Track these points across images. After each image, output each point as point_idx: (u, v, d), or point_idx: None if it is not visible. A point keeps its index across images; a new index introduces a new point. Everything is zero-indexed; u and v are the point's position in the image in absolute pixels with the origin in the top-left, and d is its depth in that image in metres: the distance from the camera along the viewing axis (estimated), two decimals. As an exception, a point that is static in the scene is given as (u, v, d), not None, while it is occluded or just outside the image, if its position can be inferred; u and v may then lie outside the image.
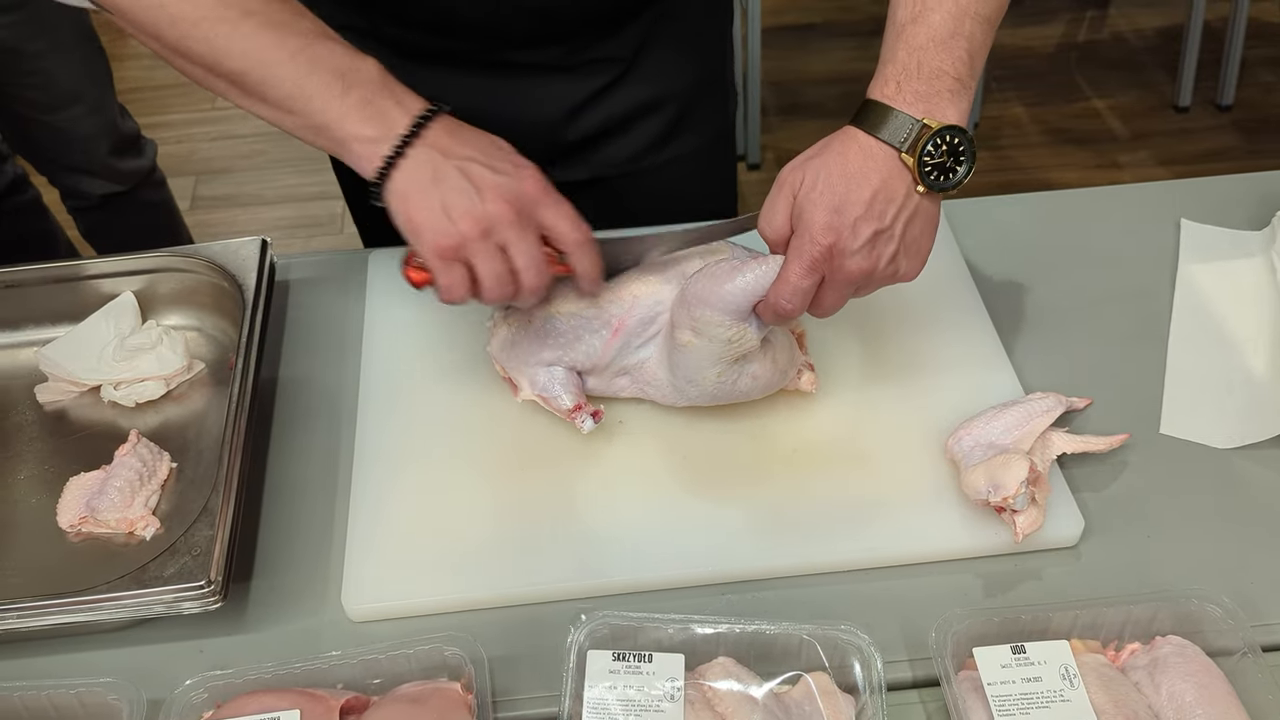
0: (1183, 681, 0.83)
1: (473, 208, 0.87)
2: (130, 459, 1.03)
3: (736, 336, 0.93)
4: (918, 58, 0.87)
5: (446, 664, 0.86)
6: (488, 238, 0.88)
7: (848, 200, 0.86)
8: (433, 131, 0.88)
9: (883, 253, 0.88)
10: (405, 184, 0.88)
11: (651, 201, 1.24)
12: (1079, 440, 1.00)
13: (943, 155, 0.87)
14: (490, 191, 0.87)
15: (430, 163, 0.88)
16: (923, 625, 0.88)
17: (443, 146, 0.88)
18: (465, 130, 0.91)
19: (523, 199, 0.88)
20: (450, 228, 0.87)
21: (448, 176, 0.87)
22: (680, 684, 0.83)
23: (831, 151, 0.88)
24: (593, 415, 1.01)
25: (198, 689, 0.84)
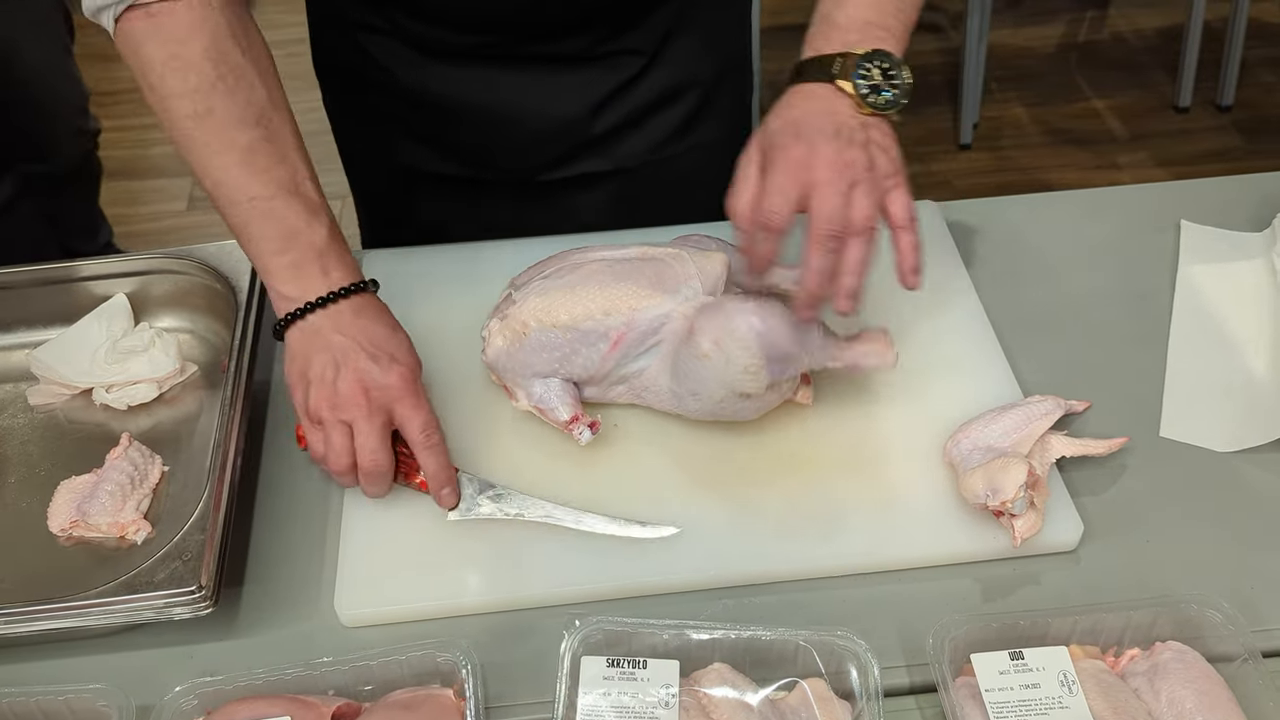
0: (1183, 688, 0.82)
1: (327, 385, 0.93)
2: (122, 462, 1.03)
3: (753, 367, 0.93)
4: (847, 13, 0.93)
5: (439, 670, 0.86)
6: (334, 413, 0.93)
7: (805, 122, 0.90)
8: (339, 308, 0.95)
9: (855, 139, 0.89)
10: (293, 344, 0.96)
11: (671, 190, 1.24)
12: (1078, 443, 0.99)
13: (876, 77, 0.91)
14: (350, 374, 0.93)
15: (317, 335, 0.95)
16: (920, 631, 0.87)
17: (337, 325, 0.95)
18: (372, 314, 0.97)
19: (381, 390, 0.93)
20: (308, 395, 0.94)
21: (322, 352, 0.94)
22: (675, 691, 0.82)
23: (780, 105, 0.94)
24: (590, 426, 1.00)
25: (188, 695, 0.83)
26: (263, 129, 0.94)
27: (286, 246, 0.95)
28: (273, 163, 0.95)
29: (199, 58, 0.93)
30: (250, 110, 0.94)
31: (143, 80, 0.96)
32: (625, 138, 1.24)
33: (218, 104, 0.93)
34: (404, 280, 1.17)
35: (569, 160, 0.94)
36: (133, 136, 3.13)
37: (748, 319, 0.93)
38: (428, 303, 1.15)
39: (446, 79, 1.16)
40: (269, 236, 0.95)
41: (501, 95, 1.18)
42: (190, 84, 0.93)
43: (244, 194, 0.94)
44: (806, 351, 0.95)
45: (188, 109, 0.94)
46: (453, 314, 1.14)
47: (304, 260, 0.95)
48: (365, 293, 0.97)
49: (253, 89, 0.95)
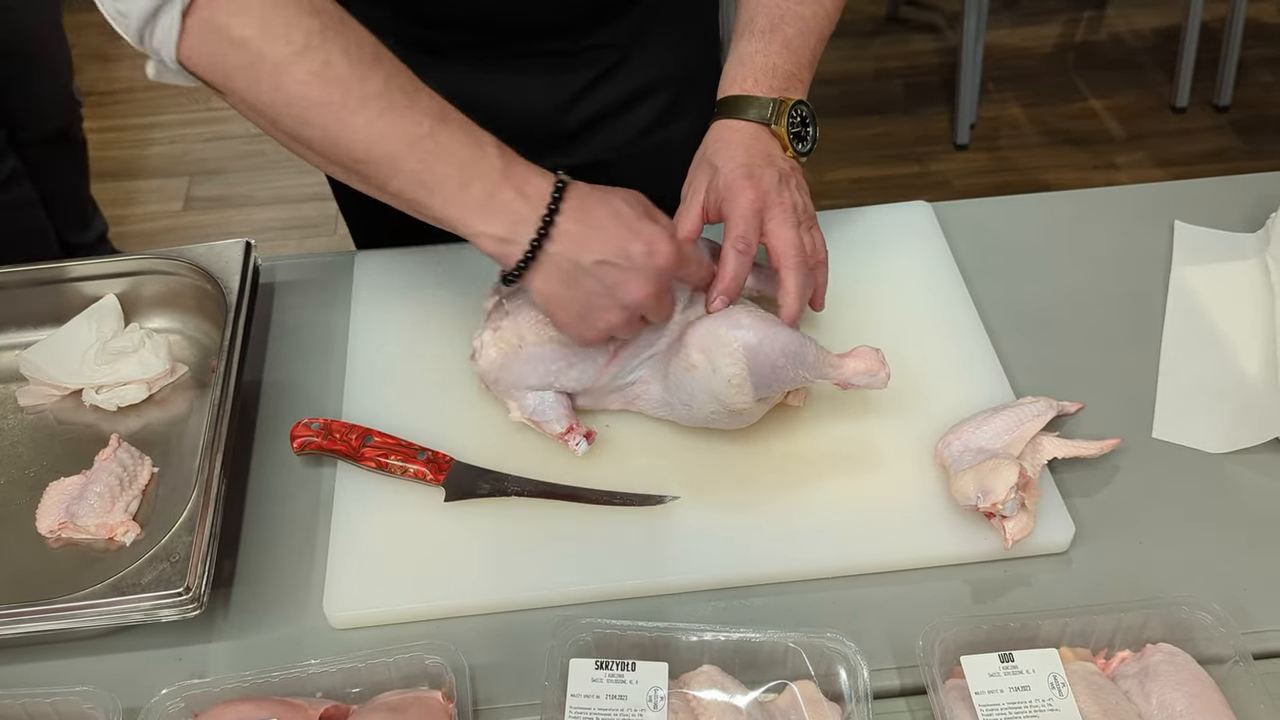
0: (1173, 690, 0.82)
1: (611, 310, 0.91)
2: (111, 464, 1.02)
3: (738, 379, 0.93)
4: (774, 62, 1.03)
5: (427, 672, 0.85)
6: (628, 323, 0.93)
7: (750, 158, 1.00)
8: (562, 225, 0.88)
9: (791, 187, 1.00)
10: (543, 286, 0.90)
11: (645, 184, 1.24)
12: (1070, 445, 0.99)
13: (798, 125, 1.03)
14: (627, 289, 0.89)
15: (563, 268, 0.89)
16: (910, 633, 0.87)
17: (573, 246, 0.88)
18: (592, 208, 0.89)
19: (660, 279, 0.91)
20: (592, 328, 0.92)
21: (583, 282, 0.89)
22: (664, 693, 0.82)
23: (718, 141, 1.02)
24: (585, 436, 1.00)
25: (174, 698, 0.83)
26: (387, 65, 0.86)
27: (467, 177, 0.86)
28: (413, 94, 0.86)
29: (296, 12, 0.83)
30: (366, 51, 0.85)
31: (245, 74, 0.85)
32: (598, 132, 1.25)
33: (333, 53, 0.84)
34: (395, 281, 1.18)
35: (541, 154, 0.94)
36: (129, 137, 3.14)
37: (737, 333, 0.93)
38: (419, 303, 1.15)
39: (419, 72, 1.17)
40: (444, 176, 0.86)
41: (473, 89, 1.17)
42: (296, 43, 0.83)
43: (403, 141, 0.85)
44: (799, 367, 0.95)
45: (306, 69, 0.83)
46: (444, 314, 1.13)
47: (494, 187, 0.87)
48: (565, 191, 0.88)
49: (357, 30, 0.86)
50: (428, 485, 0.99)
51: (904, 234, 1.21)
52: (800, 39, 1.05)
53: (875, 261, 1.18)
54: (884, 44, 3.45)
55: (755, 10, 1.06)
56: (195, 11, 0.83)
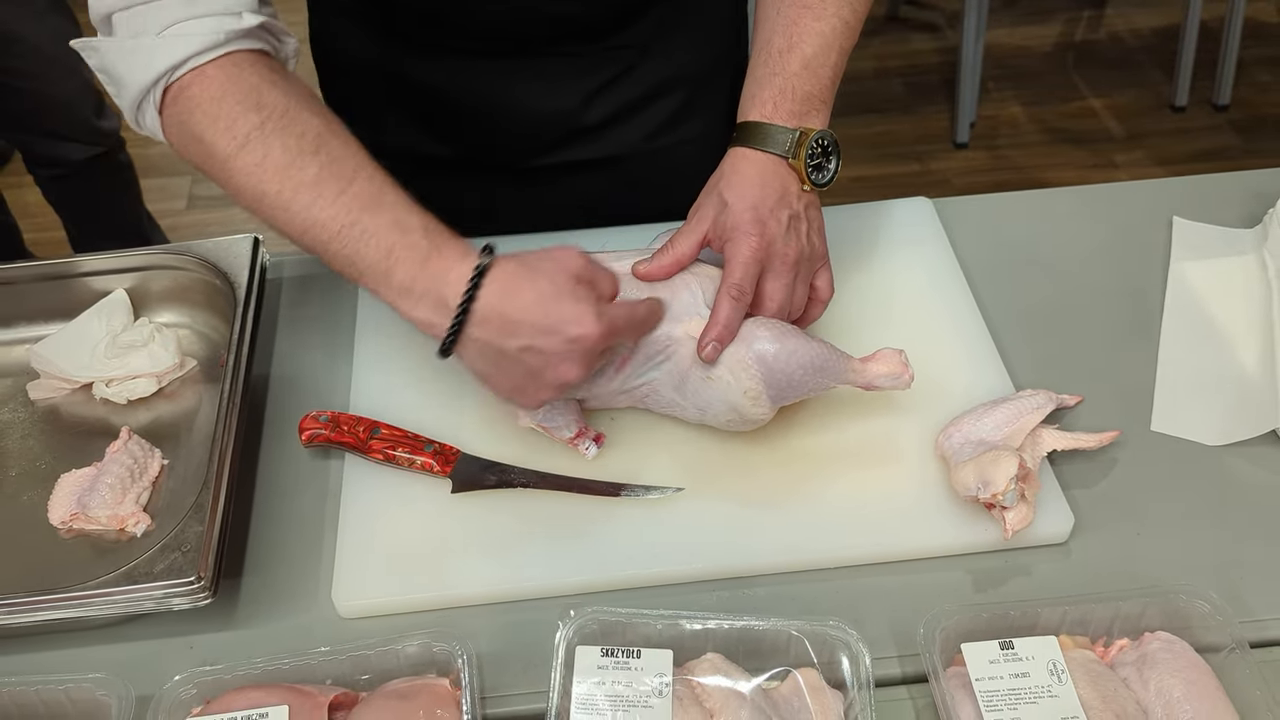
0: (1171, 677, 0.83)
1: (543, 389, 0.91)
2: (121, 456, 1.03)
3: (754, 393, 0.94)
4: (792, 84, 1.01)
5: (435, 660, 0.86)
6: (563, 393, 0.93)
7: (762, 199, 0.98)
8: (481, 311, 0.87)
9: (801, 231, 0.99)
10: (472, 364, 0.92)
11: (662, 180, 1.25)
12: (1069, 437, 1.00)
13: (818, 156, 1.00)
14: (555, 372, 0.89)
15: (487, 352, 0.89)
16: (912, 621, 0.88)
17: (494, 332, 0.88)
18: (515, 289, 0.88)
19: (586, 360, 0.90)
20: (530, 402, 0.94)
21: (508, 367, 0.90)
22: (668, 680, 0.83)
23: (733, 172, 1.00)
24: (594, 440, 1.01)
25: (186, 685, 0.84)
26: (324, 155, 0.90)
27: (393, 265, 0.88)
28: (344, 185, 0.89)
29: (239, 109, 0.90)
30: (306, 141, 0.90)
31: (202, 164, 0.93)
32: (617, 128, 1.25)
33: (271, 147, 0.89)
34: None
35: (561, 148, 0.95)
36: (132, 135, 3.13)
37: (756, 347, 0.95)
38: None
39: (440, 71, 1.17)
40: (372, 260, 0.89)
41: (493, 87, 1.19)
42: (239, 138, 0.89)
43: (332, 228, 0.89)
44: (820, 376, 0.96)
45: (246, 164, 0.90)
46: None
47: (414, 276, 0.88)
48: (487, 273, 0.88)
49: (302, 121, 0.91)
50: (435, 477, 1.00)
51: (905, 230, 1.22)
52: (820, 57, 1.01)
53: (877, 257, 1.19)
54: (884, 43, 3.46)
55: (773, 30, 1.03)
56: (166, 108, 0.93)
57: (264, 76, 0.92)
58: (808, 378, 0.96)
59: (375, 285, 0.90)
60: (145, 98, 0.92)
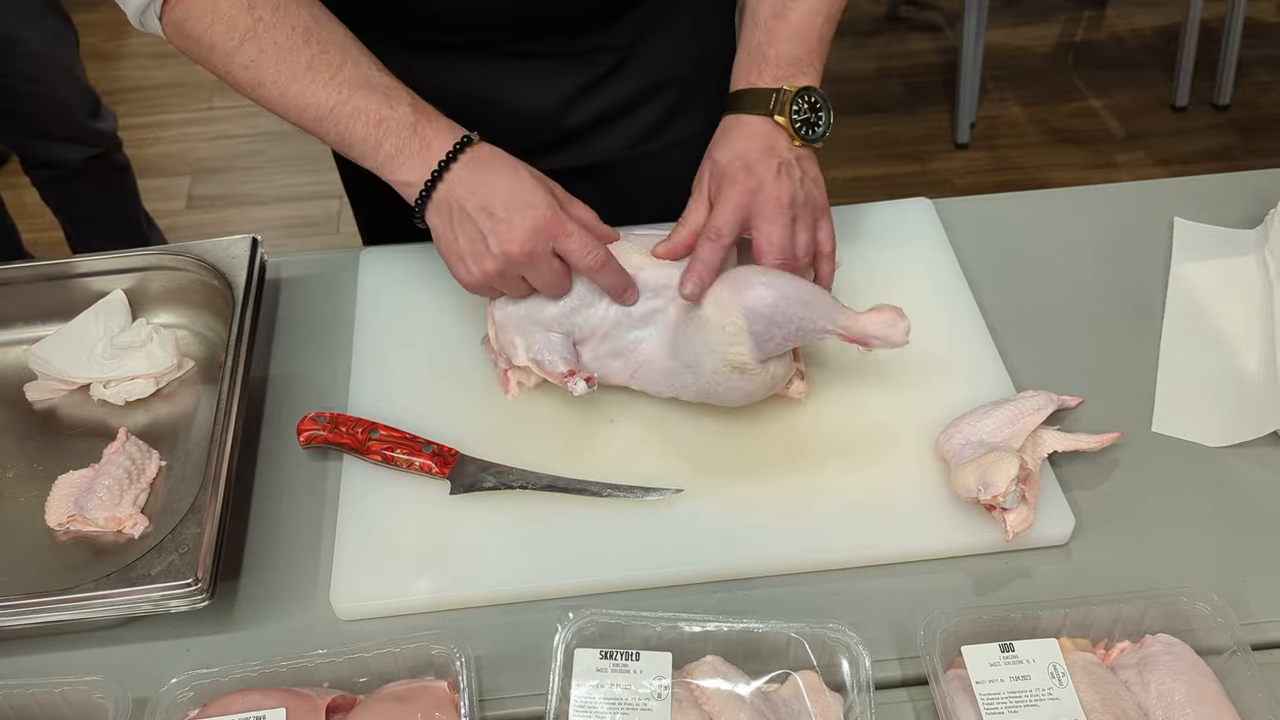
0: (1172, 680, 0.82)
1: (483, 256, 0.97)
2: (119, 457, 1.03)
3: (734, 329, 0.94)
4: (776, 49, 1.03)
5: (433, 663, 0.86)
6: (503, 275, 0.98)
7: (750, 153, 1.00)
8: (455, 173, 0.97)
9: (794, 176, 1.00)
10: (434, 223, 0.99)
11: (652, 186, 1.25)
12: (1070, 438, 0.99)
13: (806, 112, 1.02)
14: (498, 239, 0.96)
15: (448, 209, 0.97)
16: (912, 624, 0.87)
17: (461, 192, 0.97)
18: (490, 165, 0.98)
19: (533, 237, 0.96)
20: (471, 268, 0.98)
21: (463, 224, 0.97)
22: (667, 682, 0.82)
23: (723, 135, 1.03)
24: (586, 380, 0.99)
25: (183, 688, 0.84)
26: (316, 44, 0.98)
27: (381, 135, 0.97)
28: (335, 69, 0.98)
29: (234, 10, 0.97)
30: (297, 34, 0.97)
31: (203, 62, 1.01)
32: (601, 133, 1.25)
33: (265, 42, 0.97)
34: (400, 276, 1.18)
35: (544, 153, 0.96)
36: (131, 136, 3.13)
37: (745, 282, 0.95)
38: (424, 298, 1.16)
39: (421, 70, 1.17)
40: (363, 135, 0.98)
41: (474, 86, 1.19)
42: (236, 38, 0.97)
43: (325, 108, 0.98)
44: (809, 311, 0.95)
45: (244, 59, 0.98)
46: (449, 308, 1.14)
47: (404, 142, 0.97)
48: (469, 147, 0.98)
49: (292, 14, 0.98)
50: (433, 478, 1.00)
51: (905, 230, 1.22)
52: (805, 21, 1.04)
53: (877, 258, 1.18)
54: (884, 43, 3.45)
55: (759, 1, 1.06)
56: (167, 13, 1.00)
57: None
58: (792, 310, 0.94)
59: (364, 154, 0.99)
60: (149, 3, 0.99)
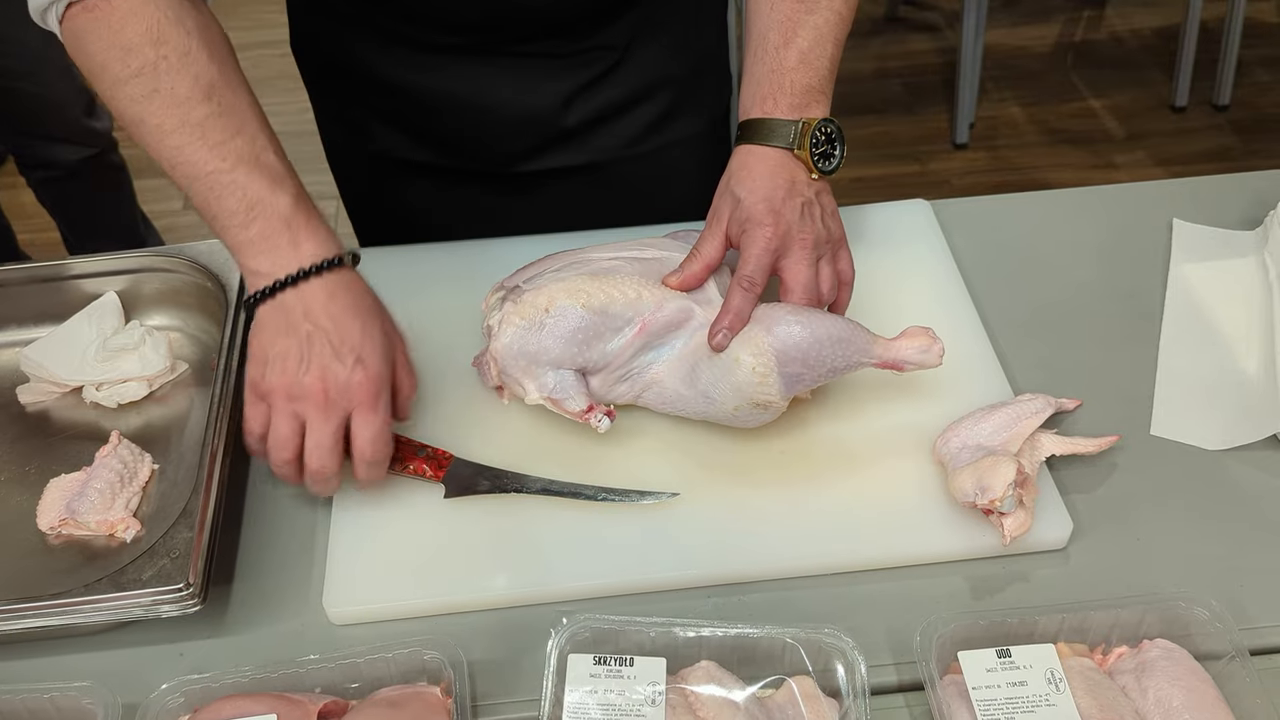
0: (1170, 685, 0.82)
1: (289, 374, 0.91)
2: (111, 460, 1.02)
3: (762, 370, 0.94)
4: (790, 78, 1.02)
5: (426, 668, 0.86)
6: (289, 403, 0.91)
7: (773, 192, 0.99)
8: (311, 287, 0.91)
9: (815, 215, 1.00)
10: (263, 319, 0.93)
11: (648, 185, 1.25)
12: (1068, 442, 0.99)
13: (824, 144, 1.01)
14: (314, 369, 0.91)
15: (287, 317, 0.91)
16: (908, 629, 0.87)
17: (307, 309, 0.91)
18: (347, 299, 0.92)
19: (341, 393, 0.91)
20: (267, 375, 0.92)
21: (289, 335, 0.91)
22: (662, 688, 0.82)
23: (741, 168, 1.01)
24: (606, 414, 0.99)
25: (174, 693, 0.83)
26: (215, 104, 0.92)
27: (250, 218, 0.92)
28: (228, 136, 0.92)
29: (139, 41, 0.92)
30: (199, 87, 0.92)
31: (90, 76, 0.95)
32: (598, 132, 1.25)
33: (162, 84, 0.91)
34: (395, 279, 1.17)
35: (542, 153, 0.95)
36: (124, 136, 3.14)
37: (778, 323, 0.95)
38: (419, 302, 1.15)
39: (418, 69, 1.16)
40: (232, 210, 0.92)
41: (471, 86, 1.18)
42: (132, 68, 0.92)
43: (202, 169, 0.92)
44: (846, 350, 0.95)
45: (133, 92, 0.92)
46: (444, 313, 1.14)
47: (270, 230, 0.92)
48: (340, 269, 0.93)
49: (200, 66, 0.92)
50: (427, 482, 0.99)
51: (903, 232, 1.21)
52: (816, 49, 1.02)
53: (874, 259, 1.18)
54: (883, 44, 3.45)
55: (768, 26, 1.04)
56: (68, 19, 0.95)
57: (172, 12, 0.93)
58: (825, 351, 0.95)
59: (225, 229, 0.93)
60: (51, 2, 0.95)
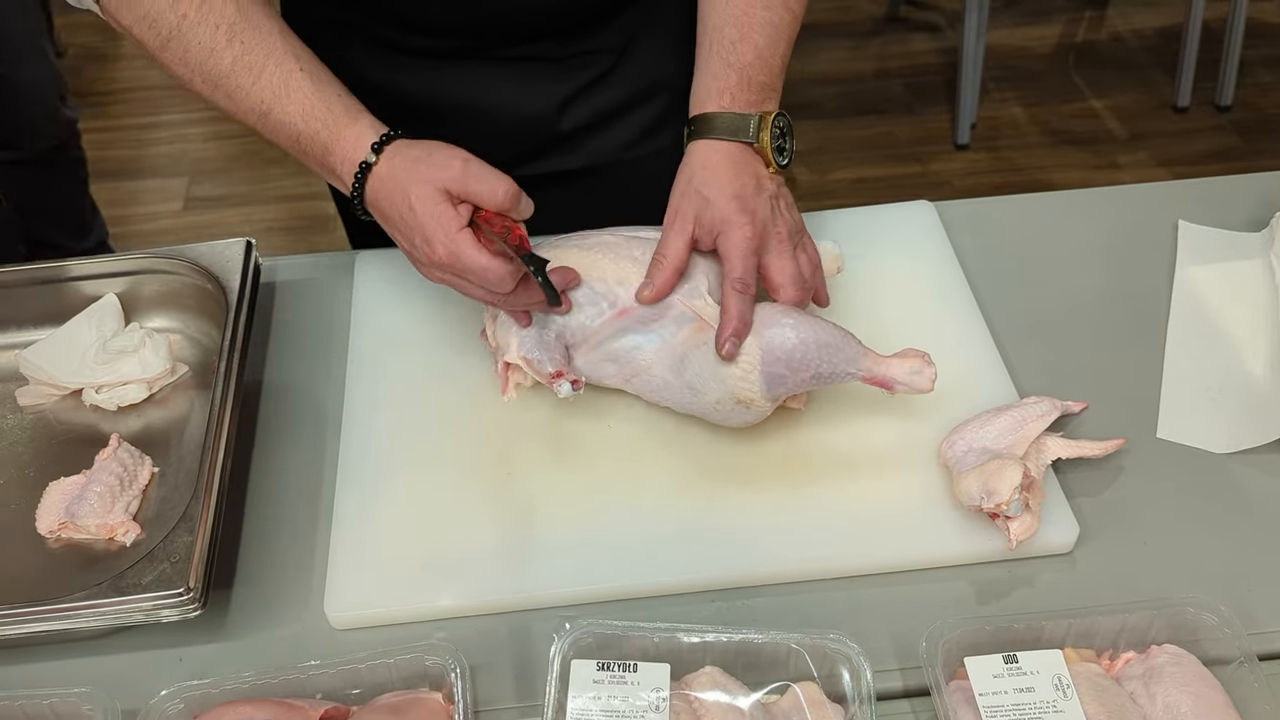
0: (1178, 691, 0.81)
1: (417, 264, 0.98)
2: (111, 463, 1.02)
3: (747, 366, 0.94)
4: (748, 74, 1.02)
5: (428, 674, 0.85)
6: (443, 275, 0.97)
7: (742, 189, 0.99)
8: (369, 195, 0.97)
9: (782, 208, 1.01)
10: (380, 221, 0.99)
11: (646, 188, 1.24)
12: (1074, 445, 0.98)
13: (779, 138, 1.01)
14: (422, 256, 0.96)
15: (378, 219, 0.99)
16: (914, 634, 0.86)
17: (377, 213, 0.99)
18: (387, 194, 0.96)
19: (440, 267, 0.96)
20: (420, 267, 0.99)
21: (394, 233, 0.99)
22: (665, 694, 0.81)
23: (704, 166, 1.00)
24: (572, 383, 0.99)
25: (174, 699, 0.82)
26: (238, 45, 0.96)
27: (301, 151, 0.98)
28: (254, 76, 0.96)
29: (158, 7, 0.96)
30: (220, 34, 0.96)
31: (143, 51, 1.00)
32: (595, 136, 1.24)
33: (190, 43, 0.96)
34: (396, 279, 1.17)
35: (538, 157, 0.95)
36: (130, 136, 3.13)
37: (773, 321, 0.95)
38: (420, 302, 1.15)
39: (412, 75, 1.16)
40: (291, 145, 0.99)
41: (467, 91, 1.18)
42: (162, 35, 0.96)
43: (253, 117, 0.98)
44: (834, 357, 0.95)
45: (170, 57, 0.97)
46: (445, 312, 1.13)
47: (320, 160, 0.98)
48: (370, 172, 0.96)
49: (217, 12, 0.96)
50: (431, 483, 0.99)
51: (907, 233, 1.21)
52: (771, 47, 1.03)
53: (878, 261, 1.17)
54: (884, 44, 3.44)
55: (722, 20, 1.04)
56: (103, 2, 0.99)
57: None
58: (811, 354, 0.94)
59: (302, 160, 1.00)
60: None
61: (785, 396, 0.97)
